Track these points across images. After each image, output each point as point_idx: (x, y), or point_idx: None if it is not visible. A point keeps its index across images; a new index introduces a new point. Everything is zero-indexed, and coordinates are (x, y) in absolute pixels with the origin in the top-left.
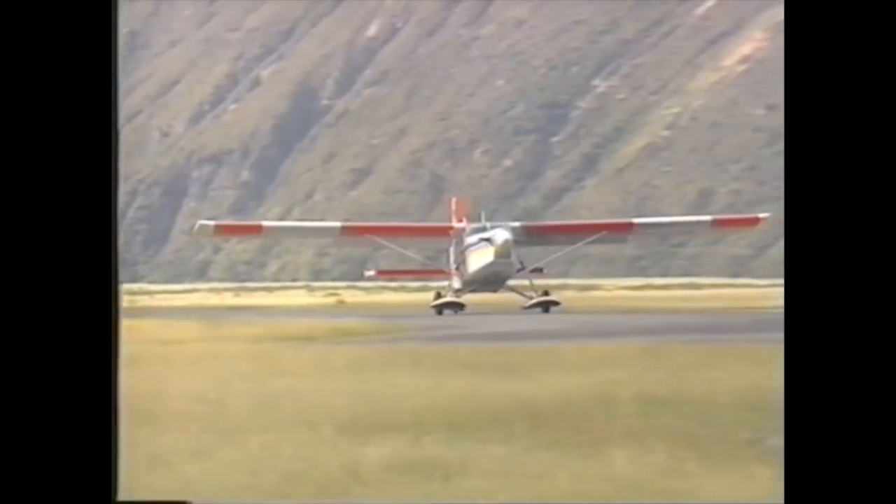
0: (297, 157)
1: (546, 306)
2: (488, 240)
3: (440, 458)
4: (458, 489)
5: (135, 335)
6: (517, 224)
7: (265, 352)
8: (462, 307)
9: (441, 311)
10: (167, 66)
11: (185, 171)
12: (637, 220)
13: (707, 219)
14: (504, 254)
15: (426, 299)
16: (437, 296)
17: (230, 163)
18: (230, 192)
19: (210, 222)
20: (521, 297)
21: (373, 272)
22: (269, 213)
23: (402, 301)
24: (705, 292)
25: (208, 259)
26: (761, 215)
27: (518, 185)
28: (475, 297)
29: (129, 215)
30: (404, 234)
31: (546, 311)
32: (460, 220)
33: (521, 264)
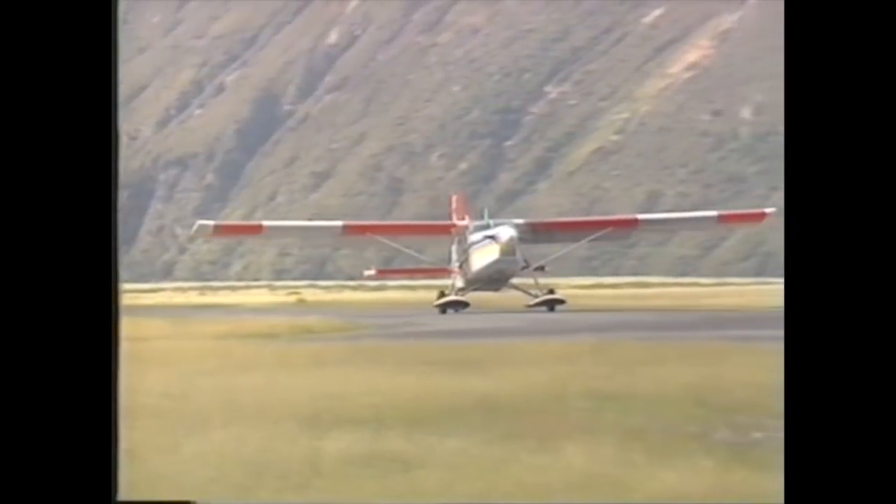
0: (260, 160)
1: (552, 305)
2: (493, 237)
3: (399, 451)
4: (416, 481)
5: None
6: (521, 221)
7: (229, 349)
8: (466, 305)
9: (444, 310)
10: (135, 72)
11: (152, 173)
12: (642, 217)
13: (712, 214)
14: (509, 251)
15: (386, 298)
16: (441, 294)
17: (195, 166)
18: (195, 194)
19: (209, 222)
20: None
21: (373, 271)
22: (233, 215)
23: (361, 300)
24: (654, 291)
25: (174, 259)
26: (767, 210)
27: (473, 188)
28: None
29: None
30: (406, 232)
31: (551, 309)
32: (462, 218)
33: (526, 262)
